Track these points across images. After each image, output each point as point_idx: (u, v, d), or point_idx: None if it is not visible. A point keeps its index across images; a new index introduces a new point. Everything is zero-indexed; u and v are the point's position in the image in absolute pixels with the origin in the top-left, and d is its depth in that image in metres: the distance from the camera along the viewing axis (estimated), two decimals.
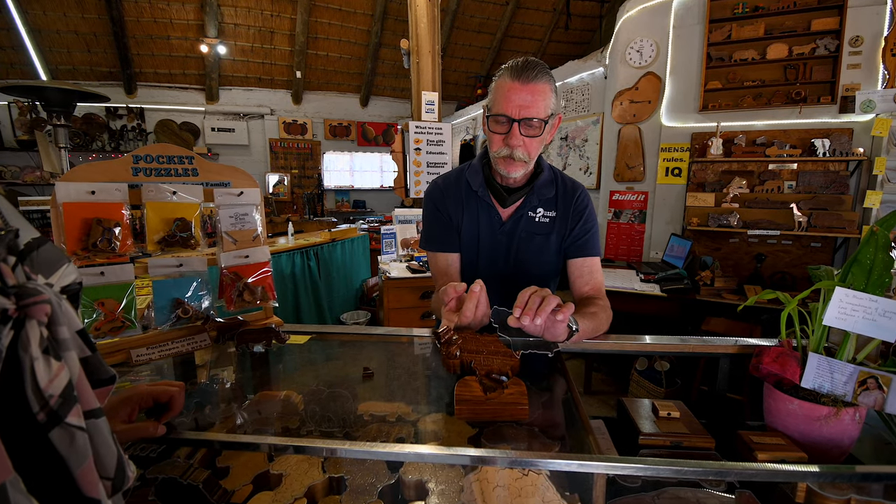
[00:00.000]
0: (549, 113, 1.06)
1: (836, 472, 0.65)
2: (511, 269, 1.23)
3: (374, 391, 1.06)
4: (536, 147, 1.10)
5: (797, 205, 3.19)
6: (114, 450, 0.42)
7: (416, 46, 3.87)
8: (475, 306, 0.89)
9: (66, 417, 0.36)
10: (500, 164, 1.12)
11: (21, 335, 0.34)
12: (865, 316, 0.78)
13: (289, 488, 0.82)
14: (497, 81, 1.08)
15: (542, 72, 1.03)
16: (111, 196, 0.96)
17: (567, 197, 1.22)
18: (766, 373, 0.91)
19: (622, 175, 4.15)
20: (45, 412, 0.35)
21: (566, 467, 0.64)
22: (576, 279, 1.21)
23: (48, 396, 0.35)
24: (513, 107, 1.03)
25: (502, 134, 1.07)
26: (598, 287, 1.20)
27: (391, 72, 8.66)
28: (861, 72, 3.24)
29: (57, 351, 0.37)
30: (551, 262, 1.24)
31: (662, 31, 3.84)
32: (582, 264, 1.20)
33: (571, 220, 1.21)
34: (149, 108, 7.41)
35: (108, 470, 0.41)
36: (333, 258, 4.28)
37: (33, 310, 0.35)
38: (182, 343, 1.05)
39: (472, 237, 1.24)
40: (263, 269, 1.18)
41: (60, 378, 0.37)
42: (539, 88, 1.03)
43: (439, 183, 1.29)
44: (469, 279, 1.24)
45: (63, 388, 0.37)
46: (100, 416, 0.41)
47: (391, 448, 0.67)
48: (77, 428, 0.37)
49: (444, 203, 1.26)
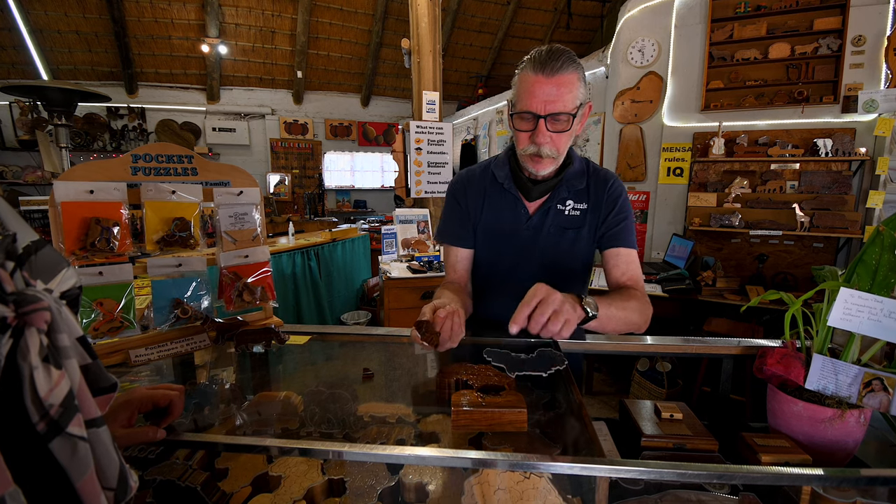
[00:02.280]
0: (578, 104, 0.99)
1: (842, 476, 0.64)
2: (536, 266, 1.17)
3: (374, 392, 1.05)
4: (566, 141, 1.04)
5: (799, 205, 3.18)
6: (116, 459, 0.41)
7: (417, 46, 3.86)
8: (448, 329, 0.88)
9: (66, 427, 0.36)
10: (528, 161, 1.06)
11: (20, 343, 0.34)
12: (871, 317, 0.78)
13: (288, 490, 0.82)
14: (520, 75, 1.00)
15: (567, 61, 0.95)
16: (110, 195, 0.96)
17: (599, 186, 1.15)
18: (769, 374, 0.90)
19: (624, 175, 4.13)
20: (46, 422, 0.35)
21: (569, 470, 0.63)
22: (611, 269, 1.14)
23: (48, 406, 0.35)
24: (538, 102, 0.96)
25: (528, 131, 1.01)
26: (635, 278, 1.12)
27: (392, 71, 8.66)
28: (864, 71, 3.23)
29: (57, 359, 0.37)
30: (582, 259, 1.17)
31: (664, 30, 3.83)
32: (617, 255, 1.13)
33: (605, 208, 1.14)
34: (150, 108, 7.41)
35: (109, 480, 0.40)
36: (334, 258, 4.27)
37: (33, 317, 0.35)
38: (181, 343, 1.05)
39: (493, 231, 1.19)
40: (263, 269, 1.17)
41: (61, 387, 0.36)
42: (565, 80, 0.95)
43: (463, 175, 1.24)
44: (490, 274, 1.23)
45: (64, 398, 0.36)
46: (101, 426, 0.40)
47: (392, 451, 0.66)
48: (79, 438, 0.36)
49: (464, 195, 1.21)
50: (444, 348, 0.89)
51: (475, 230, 1.22)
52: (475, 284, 1.27)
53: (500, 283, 1.21)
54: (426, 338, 0.87)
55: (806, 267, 3.34)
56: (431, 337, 0.88)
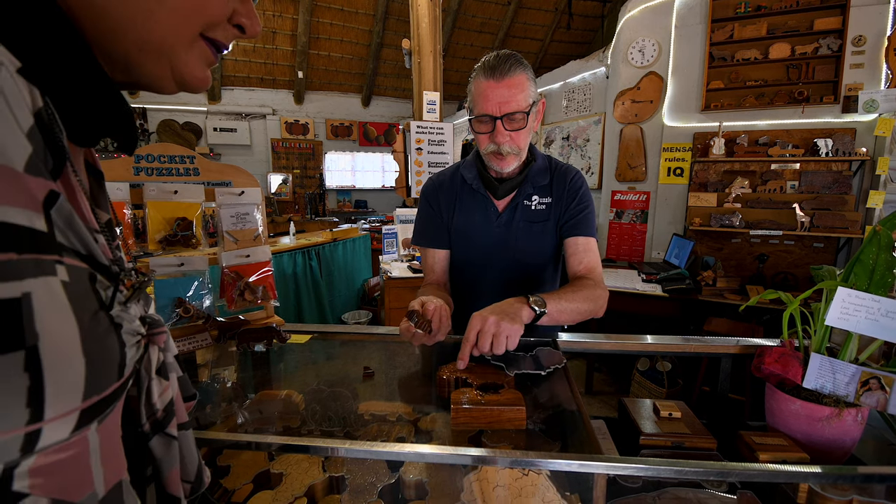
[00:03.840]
0: (530, 102, 1.06)
1: (839, 473, 0.65)
2: (510, 261, 1.22)
3: (374, 390, 1.06)
4: (524, 138, 1.10)
5: (800, 205, 3.18)
6: (196, 457, 0.48)
7: (418, 46, 3.87)
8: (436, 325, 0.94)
9: (166, 428, 0.43)
10: (493, 160, 1.13)
11: (144, 358, 0.41)
12: (868, 316, 0.78)
13: (289, 487, 0.82)
14: (473, 82, 1.07)
15: (514, 64, 1.02)
16: (113, 195, 0.97)
17: (560, 180, 1.21)
18: (767, 373, 0.91)
19: (624, 175, 4.14)
20: (151, 422, 0.42)
21: (567, 467, 0.64)
22: (570, 257, 1.19)
23: (155, 410, 0.42)
24: (492, 105, 1.03)
25: (487, 133, 1.08)
26: (590, 266, 1.17)
27: (393, 72, 8.67)
28: (864, 71, 3.23)
29: (166, 372, 0.44)
30: (550, 250, 1.24)
31: (664, 30, 3.83)
32: (575, 243, 1.18)
33: (566, 199, 1.20)
34: (151, 108, 7.43)
35: (189, 474, 0.47)
36: (335, 258, 4.28)
37: (157, 338, 0.43)
38: (183, 342, 1.06)
39: (467, 231, 1.24)
40: (264, 268, 1.18)
41: (166, 395, 0.44)
42: (515, 82, 1.02)
43: (434, 179, 1.31)
44: (467, 272, 1.28)
45: (167, 404, 0.43)
46: (188, 428, 0.47)
47: (392, 448, 0.67)
48: (172, 437, 0.43)
49: (436, 199, 1.27)
50: (432, 341, 0.94)
51: (450, 232, 1.27)
52: (455, 285, 1.32)
53: (477, 279, 1.27)
54: (419, 325, 0.90)
55: (806, 267, 3.34)
56: (424, 324, 0.91)
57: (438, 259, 1.28)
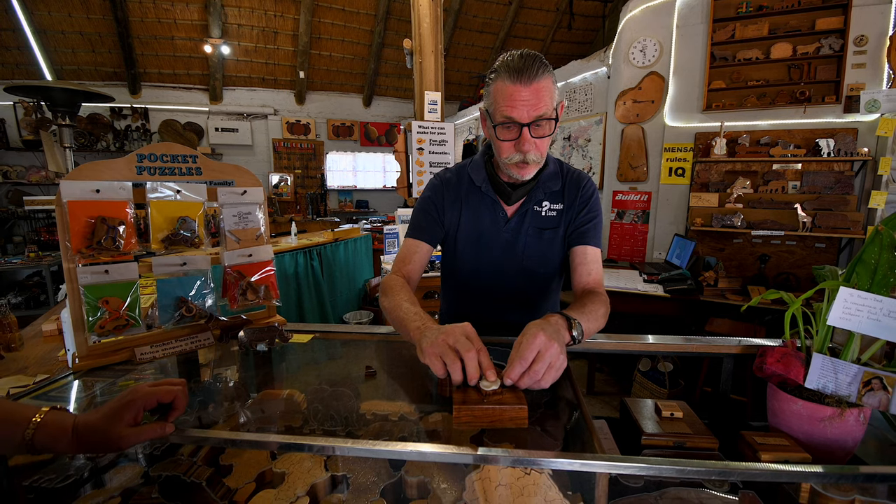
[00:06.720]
0: (555, 106, 1.01)
1: (840, 473, 0.64)
2: (517, 268, 1.19)
3: (376, 390, 1.06)
4: (547, 144, 1.06)
5: (801, 205, 3.17)
6: None
7: (419, 46, 3.87)
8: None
9: None
10: (514, 169, 1.07)
11: None
12: (870, 316, 0.78)
13: (291, 486, 0.82)
14: (495, 84, 0.99)
15: (541, 67, 0.96)
16: (115, 195, 0.97)
17: (573, 186, 1.18)
18: (769, 373, 0.91)
19: (625, 175, 4.14)
20: None
21: (569, 466, 0.64)
22: (578, 266, 1.15)
23: None
24: (520, 111, 0.96)
25: (512, 140, 1.01)
26: (599, 279, 1.15)
27: (394, 72, 8.67)
28: (866, 71, 3.22)
29: None
30: (559, 258, 1.21)
31: (666, 30, 3.83)
32: (584, 252, 1.15)
33: (578, 206, 1.17)
34: (153, 108, 7.43)
35: None
36: (336, 258, 4.28)
37: None
38: (186, 342, 1.06)
39: (473, 234, 1.21)
40: (267, 267, 1.18)
41: None
42: (543, 86, 0.96)
43: (440, 175, 1.26)
44: (472, 278, 1.25)
45: None
46: None
47: (394, 447, 0.67)
48: None
49: (441, 195, 1.22)
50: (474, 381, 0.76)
51: (455, 236, 1.23)
52: (458, 291, 1.29)
53: (482, 284, 1.24)
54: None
55: (808, 267, 3.34)
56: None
57: (421, 252, 1.19)
